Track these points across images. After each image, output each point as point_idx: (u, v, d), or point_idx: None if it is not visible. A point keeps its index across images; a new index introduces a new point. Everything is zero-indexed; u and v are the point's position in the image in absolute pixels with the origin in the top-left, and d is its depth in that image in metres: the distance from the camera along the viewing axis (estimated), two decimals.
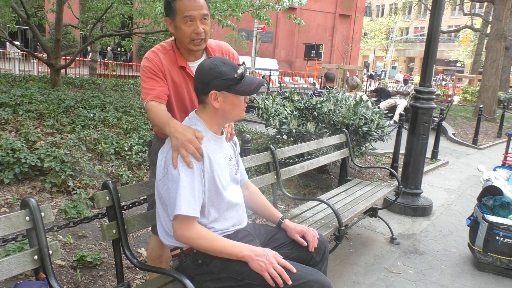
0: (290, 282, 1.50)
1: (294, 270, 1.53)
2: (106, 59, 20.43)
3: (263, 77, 15.16)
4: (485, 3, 18.33)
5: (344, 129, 4.00)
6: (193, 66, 1.89)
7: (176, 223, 1.57)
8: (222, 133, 1.77)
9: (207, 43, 1.98)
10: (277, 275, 1.50)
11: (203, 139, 1.64)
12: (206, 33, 1.85)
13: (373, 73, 33.26)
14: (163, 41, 1.98)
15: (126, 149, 4.39)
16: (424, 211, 4.34)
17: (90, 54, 14.39)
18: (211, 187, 1.64)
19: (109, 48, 20.80)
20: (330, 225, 2.59)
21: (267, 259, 1.52)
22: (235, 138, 1.94)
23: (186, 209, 1.53)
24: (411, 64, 53.33)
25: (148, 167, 4.31)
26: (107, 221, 1.74)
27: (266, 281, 1.51)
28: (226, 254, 1.56)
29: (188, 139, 1.58)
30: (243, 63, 1.68)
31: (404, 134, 4.75)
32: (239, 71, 1.61)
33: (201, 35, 1.82)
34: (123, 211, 1.77)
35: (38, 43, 11.22)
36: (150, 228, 2.13)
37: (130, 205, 2.05)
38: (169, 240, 1.69)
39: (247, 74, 1.68)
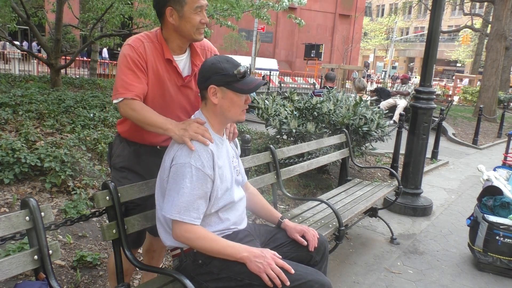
0: (288, 283, 1.50)
1: (292, 271, 1.53)
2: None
3: (263, 77, 15.18)
4: (485, 3, 18.33)
5: (344, 129, 4.00)
6: (178, 60, 1.87)
7: (176, 224, 1.58)
8: (223, 134, 1.78)
9: None
10: (275, 276, 1.50)
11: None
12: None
13: (370, 73, 33.21)
14: (146, 31, 1.92)
15: None
16: (424, 211, 4.34)
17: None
18: (213, 187, 1.64)
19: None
20: (330, 225, 2.59)
21: (265, 260, 1.52)
22: (236, 139, 1.94)
23: (189, 217, 1.55)
24: (411, 64, 53.35)
25: None
26: (107, 221, 1.74)
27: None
28: (224, 255, 1.57)
29: (193, 129, 1.63)
30: (248, 66, 1.70)
31: (404, 134, 4.75)
32: (240, 69, 1.63)
33: (206, 23, 1.86)
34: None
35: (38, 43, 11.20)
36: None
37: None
38: (170, 240, 1.69)
39: (250, 75, 1.70)
